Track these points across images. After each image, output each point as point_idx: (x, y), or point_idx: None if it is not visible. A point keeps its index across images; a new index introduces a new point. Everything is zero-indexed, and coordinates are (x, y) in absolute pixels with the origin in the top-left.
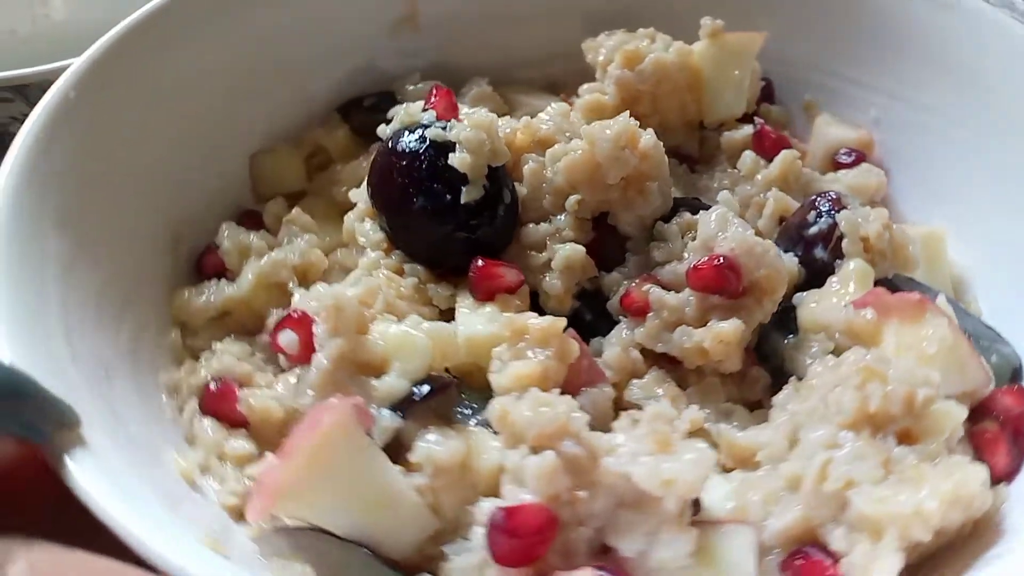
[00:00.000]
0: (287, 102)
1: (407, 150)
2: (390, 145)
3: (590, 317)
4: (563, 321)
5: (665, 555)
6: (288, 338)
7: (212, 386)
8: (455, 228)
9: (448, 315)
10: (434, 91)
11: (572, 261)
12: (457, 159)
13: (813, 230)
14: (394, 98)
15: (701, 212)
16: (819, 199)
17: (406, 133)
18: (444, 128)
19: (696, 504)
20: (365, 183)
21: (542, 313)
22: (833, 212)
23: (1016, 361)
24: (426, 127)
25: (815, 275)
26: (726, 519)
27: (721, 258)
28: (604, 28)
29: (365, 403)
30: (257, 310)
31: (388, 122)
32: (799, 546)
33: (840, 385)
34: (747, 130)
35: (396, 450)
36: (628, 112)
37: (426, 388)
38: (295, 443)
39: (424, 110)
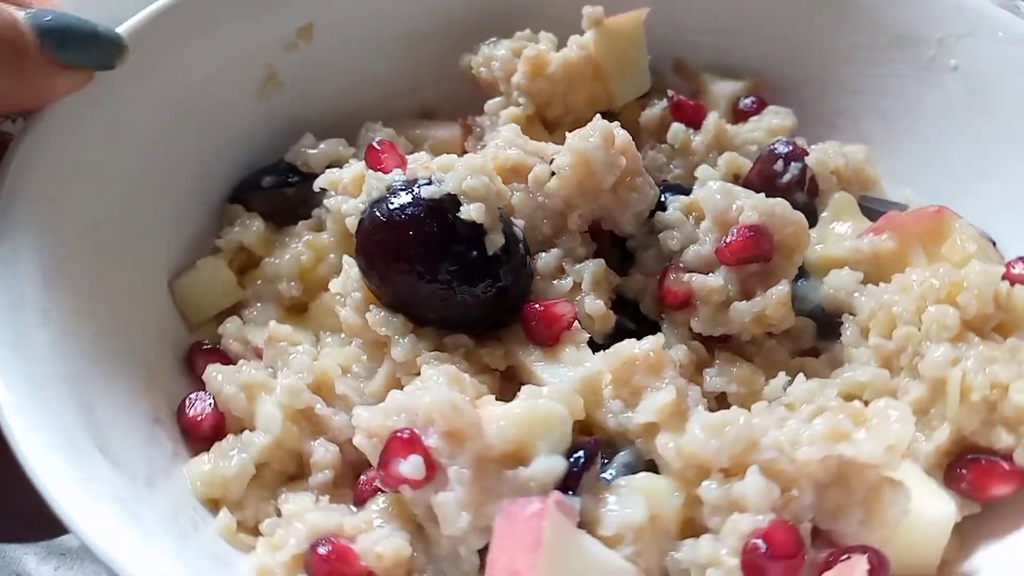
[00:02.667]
0: (183, 212)
1: (406, 217)
2: (380, 218)
3: (634, 326)
4: (661, 338)
5: (892, 513)
6: (413, 464)
7: (322, 551)
8: (491, 282)
9: (508, 376)
10: (379, 146)
11: (599, 276)
12: (473, 211)
13: (786, 178)
14: (295, 168)
15: (701, 190)
16: (776, 148)
17: (391, 201)
18: (430, 183)
19: None
20: (350, 268)
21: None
22: (800, 156)
23: (988, 236)
24: (412, 186)
25: None
26: None
27: (750, 228)
28: (466, 45)
29: (560, 497)
30: (294, 450)
31: (317, 195)
32: (951, 459)
33: (930, 305)
34: (661, 105)
35: None
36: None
37: (582, 455)
38: (516, 567)
39: (374, 169)
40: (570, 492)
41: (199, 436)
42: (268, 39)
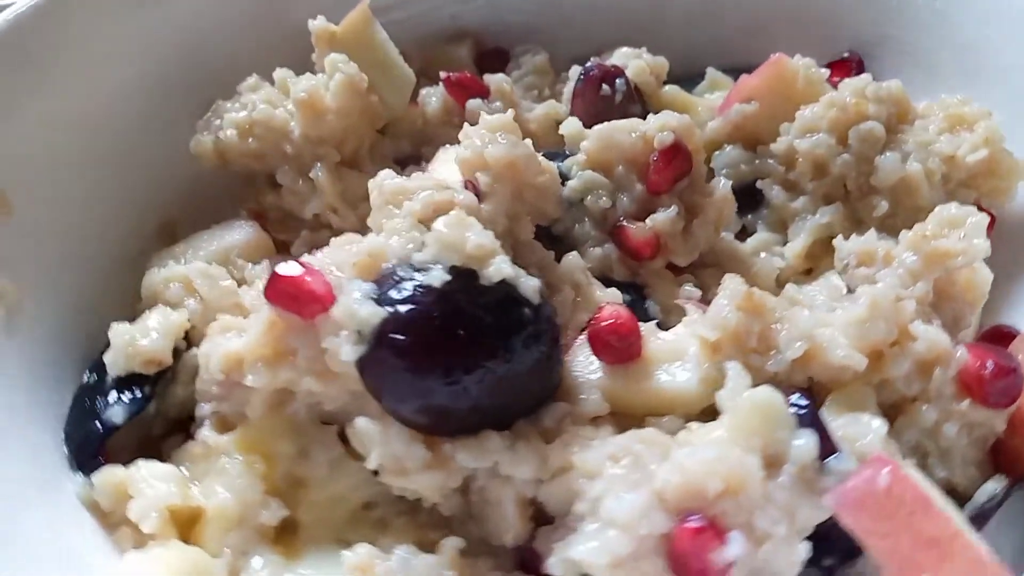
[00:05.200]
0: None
1: (445, 318)
2: (408, 340)
3: (630, 297)
4: (737, 277)
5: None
6: (738, 541)
7: None
8: (550, 326)
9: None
10: (290, 269)
11: (583, 267)
12: (504, 266)
13: (619, 97)
14: (137, 376)
15: (591, 141)
16: (589, 74)
17: (402, 316)
18: (419, 269)
19: None
20: (385, 429)
21: None
22: (620, 72)
23: None
24: (402, 284)
25: None
26: None
27: (668, 149)
28: (183, 129)
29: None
30: None
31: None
32: None
33: (848, 130)
34: (437, 92)
35: None
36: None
37: (806, 410)
38: (931, 533)
39: (308, 304)
40: (835, 455)
41: None
42: None
